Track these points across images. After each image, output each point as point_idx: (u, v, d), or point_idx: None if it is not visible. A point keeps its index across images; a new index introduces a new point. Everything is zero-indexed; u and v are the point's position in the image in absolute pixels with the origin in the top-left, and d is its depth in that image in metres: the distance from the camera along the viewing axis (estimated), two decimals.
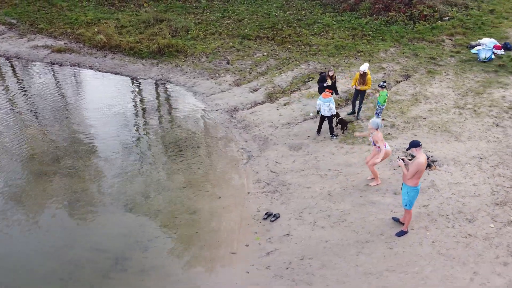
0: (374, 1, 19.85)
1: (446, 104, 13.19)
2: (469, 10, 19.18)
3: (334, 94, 12.51)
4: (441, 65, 15.56)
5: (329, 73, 12.62)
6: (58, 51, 19.11)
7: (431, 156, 10.87)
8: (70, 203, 10.36)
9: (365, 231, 8.90)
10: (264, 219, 9.50)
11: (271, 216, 9.52)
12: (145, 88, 16.21)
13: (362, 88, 12.35)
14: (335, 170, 10.87)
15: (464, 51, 16.31)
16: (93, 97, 15.56)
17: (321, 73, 12.94)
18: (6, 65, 18.38)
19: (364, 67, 12.22)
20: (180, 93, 15.63)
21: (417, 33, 17.84)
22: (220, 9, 22.12)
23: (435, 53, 16.34)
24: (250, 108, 14.24)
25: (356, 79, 12.47)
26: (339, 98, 13.99)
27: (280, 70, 16.33)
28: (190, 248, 9.00)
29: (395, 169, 10.68)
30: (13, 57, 18.86)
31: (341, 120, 12.31)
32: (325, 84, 12.51)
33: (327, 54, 17.10)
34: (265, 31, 19.41)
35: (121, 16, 21.87)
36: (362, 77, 12.26)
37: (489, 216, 9.02)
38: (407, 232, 8.74)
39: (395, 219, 9.09)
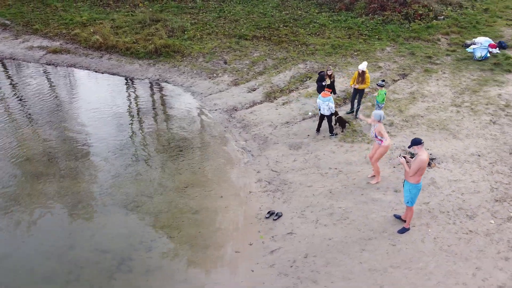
0: (369, 1, 19.99)
1: (443, 102, 13.34)
2: (463, 9, 19.40)
3: (332, 93, 12.58)
4: (438, 63, 15.72)
5: (327, 72, 12.69)
6: (54, 52, 19.02)
7: (430, 154, 10.98)
8: (71, 205, 10.32)
9: (367, 229, 8.98)
10: (267, 217, 9.55)
11: (274, 214, 9.58)
12: (142, 89, 16.19)
13: (360, 86, 12.44)
14: (336, 168, 10.95)
15: (459, 50, 16.49)
16: (91, 97, 15.49)
17: (320, 72, 13.01)
18: (0, 66, 18.25)
19: (363, 65, 12.32)
20: (178, 93, 15.63)
21: (413, 32, 18.00)
22: (216, 9, 22.13)
23: (431, 52, 16.50)
24: (249, 107, 14.28)
25: (354, 78, 12.56)
26: (337, 97, 14.08)
27: (277, 70, 16.39)
28: (194, 247, 9.01)
29: (395, 167, 10.78)
30: (8, 58, 18.73)
31: (339, 119, 12.39)
32: (324, 83, 12.60)
33: (324, 54, 17.19)
34: (262, 31, 19.46)
35: (117, 16, 21.80)
36: (360, 75, 12.36)
37: (489, 212, 9.15)
38: (409, 229, 8.84)
39: (396, 217, 9.18)
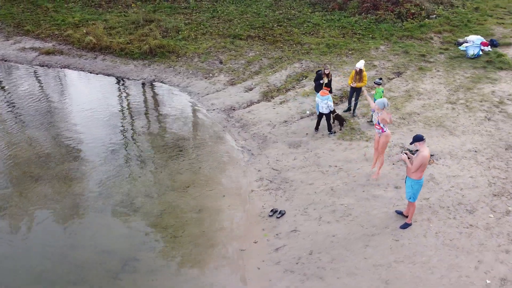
0: (362, 0, 20.17)
1: (438, 99, 13.54)
2: (454, 8, 19.70)
3: (329, 92, 12.69)
4: (431, 62, 15.95)
5: (325, 71, 12.80)
6: (47, 53, 18.85)
7: None
8: (72, 207, 10.26)
9: (370, 225, 9.10)
10: (270, 216, 9.62)
11: (277, 212, 9.64)
12: (139, 89, 16.14)
13: (358, 85, 12.57)
14: (336, 166, 11.05)
15: (452, 48, 16.75)
16: (89, 99, 15.38)
17: (317, 71, 13.11)
18: None
19: (360, 64, 12.45)
20: (175, 94, 15.62)
21: (406, 31, 18.23)
22: (209, 9, 22.13)
23: (424, 50, 16.74)
24: (247, 107, 14.33)
25: (352, 76, 12.69)
26: (334, 95, 14.18)
27: (273, 69, 16.47)
28: (199, 246, 9.04)
29: (394, 164, 10.93)
30: (0, 60, 18.52)
31: (337, 116, 12.49)
32: (322, 82, 12.71)
33: (319, 53, 17.32)
34: (256, 30, 19.53)
35: (109, 17, 21.69)
36: (358, 74, 12.49)
37: (488, 207, 9.33)
38: (411, 224, 8.97)
39: (398, 212, 9.32)
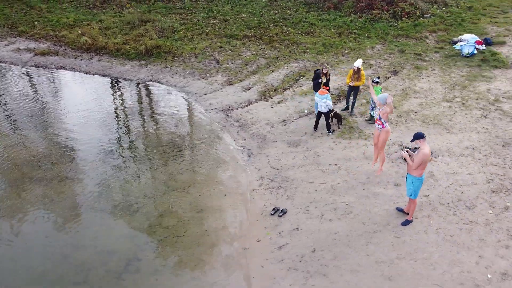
0: (357, 0, 20.28)
1: (435, 98, 13.68)
2: (448, 7, 19.89)
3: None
4: (427, 60, 16.11)
5: (323, 71, 12.88)
6: (42, 54, 18.75)
7: None
8: (72, 207, 10.23)
9: (371, 222, 9.18)
10: (272, 214, 9.66)
11: (279, 211, 9.69)
12: (137, 90, 16.11)
13: (356, 84, 12.65)
14: (336, 164, 11.13)
15: (447, 47, 16.93)
16: (86, 99, 15.33)
17: (315, 71, 13.18)
18: None
19: (358, 63, 12.54)
20: (172, 94, 15.61)
21: (401, 30, 18.38)
22: (204, 9, 22.14)
23: (420, 49, 16.89)
24: (245, 106, 14.37)
25: (350, 75, 12.77)
26: (331, 95, 14.24)
27: (270, 69, 16.52)
28: (202, 246, 9.06)
29: (393, 161, 11.03)
30: None
31: (335, 114, 12.56)
32: (320, 81, 12.79)
33: (316, 52, 17.40)
34: (252, 30, 19.57)
35: (104, 17, 21.62)
36: (356, 73, 12.57)
37: (487, 203, 9.46)
38: (411, 221, 9.07)
39: (399, 209, 9.41)
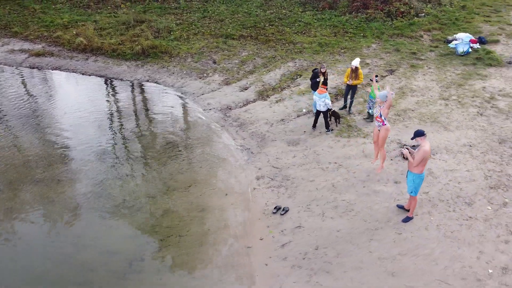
0: None
1: (431, 96, 13.83)
2: (442, 6, 20.09)
3: None
4: (422, 59, 16.26)
5: (321, 70, 12.96)
6: (37, 55, 18.63)
7: None
8: (73, 208, 10.20)
9: (373, 219, 9.27)
10: (274, 213, 9.72)
11: (281, 209, 9.75)
12: (134, 90, 16.08)
13: (354, 82, 12.75)
14: (335, 163, 11.21)
15: (442, 46, 17.10)
16: (85, 100, 15.28)
17: (313, 70, 13.26)
18: None
19: (356, 62, 12.64)
20: (170, 94, 15.60)
21: (396, 29, 18.53)
22: (199, 9, 22.13)
23: (415, 48, 17.05)
24: (243, 106, 14.41)
25: (347, 74, 12.86)
26: (329, 94, 14.35)
27: (267, 68, 16.57)
28: (205, 245, 9.09)
29: (392, 159, 11.13)
30: None
31: (333, 112, 12.64)
32: (318, 80, 12.87)
33: (312, 52, 17.49)
34: (248, 30, 19.61)
35: (99, 18, 21.53)
36: (354, 72, 12.67)
37: (485, 199, 9.59)
38: (412, 218, 9.17)
39: (399, 207, 9.51)
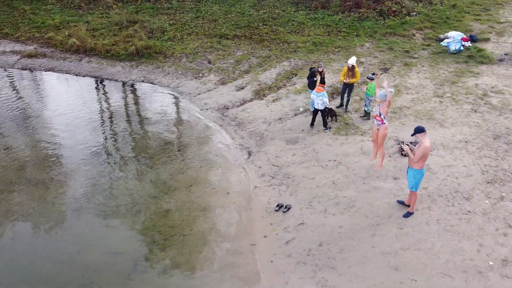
0: None
1: (426, 93, 14.05)
2: (433, 5, 20.39)
3: None
4: (416, 57, 16.50)
5: (318, 69, 13.07)
6: (29, 56, 18.47)
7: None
8: (74, 210, 10.16)
9: (374, 215, 9.41)
10: (276, 210, 9.80)
11: (283, 207, 9.84)
12: (129, 91, 16.04)
13: (351, 81, 12.90)
14: (335, 160, 11.33)
15: (434, 44, 17.36)
16: (79, 101, 15.20)
17: (310, 69, 13.37)
18: None
19: (352, 60, 12.79)
20: (166, 94, 15.59)
21: (389, 28, 18.76)
22: (192, 10, 22.13)
23: (408, 46, 17.28)
24: (240, 105, 14.47)
25: (344, 73, 13.00)
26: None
27: (263, 68, 16.65)
28: (209, 243, 9.13)
29: (390, 156, 11.29)
30: None
31: (330, 110, 12.76)
32: (315, 79, 13.00)
33: (306, 51, 17.61)
34: (242, 30, 19.67)
35: (91, 18, 21.41)
36: (350, 70, 12.82)
37: (483, 194, 9.80)
38: (413, 213, 9.33)
39: (400, 202, 9.66)
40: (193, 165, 11.58)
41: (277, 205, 9.88)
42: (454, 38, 16.81)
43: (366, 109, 12.88)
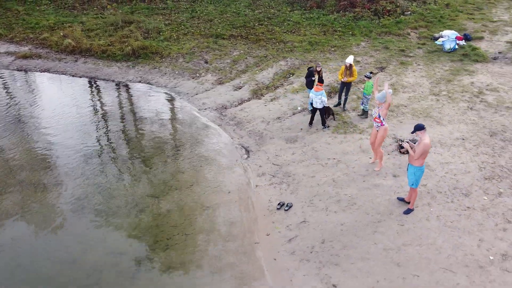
0: None
1: (422, 92, 14.20)
2: (427, 4, 20.59)
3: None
4: (411, 56, 16.67)
5: (316, 69, 13.17)
6: (24, 57, 18.35)
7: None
8: (76, 211, 10.13)
9: (375, 212, 9.51)
10: (278, 209, 9.86)
11: (285, 205, 9.90)
12: (127, 91, 16.00)
13: (349, 80, 13.00)
14: (334, 158, 11.42)
15: (429, 43, 17.55)
16: (79, 101, 15.14)
17: (308, 68, 13.45)
18: None
19: (350, 59, 12.90)
20: (163, 94, 15.59)
21: (384, 27, 18.92)
22: (188, 10, 22.13)
23: (403, 45, 17.45)
24: (238, 105, 14.51)
25: (342, 72, 13.11)
26: None
27: (260, 68, 16.71)
28: (212, 242, 9.16)
29: (389, 154, 11.41)
30: None
31: (327, 108, 12.85)
32: (314, 78, 13.09)
33: (303, 50, 17.70)
34: (238, 30, 19.71)
35: (86, 19, 21.33)
36: (348, 69, 12.92)
37: (481, 190, 9.95)
38: (413, 209, 9.45)
39: (400, 199, 9.78)
40: (194, 165, 11.61)
41: (279, 204, 9.94)
42: (448, 37, 17.01)
43: (364, 107, 12.99)
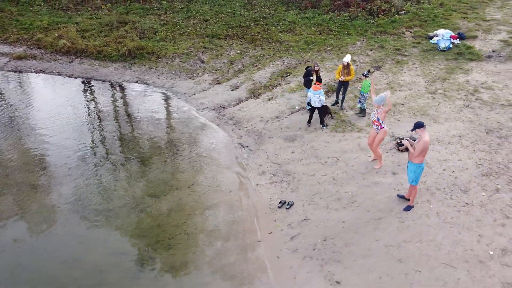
0: None
1: (419, 90, 14.34)
2: (421, 4, 20.78)
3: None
4: (406, 55, 16.82)
5: (315, 68, 13.24)
6: (19, 58, 18.23)
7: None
8: (76, 211, 10.11)
9: (375, 209, 9.60)
10: (279, 207, 9.92)
11: (286, 204, 9.96)
12: (123, 92, 15.96)
13: (346, 78, 13.09)
14: (333, 157, 11.51)
15: (424, 42, 17.72)
16: (78, 102, 15.09)
17: (306, 68, 13.54)
18: None
19: (347, 58, 12.98)
20: (160, 95, 15.57)
21: (379, 26, 19.06)
22: (183, 10, 22.12)
23: (398, 44, 17.59)
24: (236, 105, 14.55)
25: (339, 71, 13.20)
26: None
27: (257, 67, 16.76)
28: (215, 241, 9.20)
29: (387, 152, 11.51)
30: None
31: (325, 107, 12.93)
32: (311, 78, 13.17)
33: (299, 50, 17.78)
34: (234, 29, 19.74)
35: (80, 19, 21.22)
36: (345, 68, 13.01)
37: (479, 186, 10.08)
38: (413, 206, 9.55)
39: (400, 196, 9.88)
40: (193, 165, 11.63)
41: (280, 202, 10.00)
42: (443, 36, 17.18)
43: (361, 106, 13.09)
